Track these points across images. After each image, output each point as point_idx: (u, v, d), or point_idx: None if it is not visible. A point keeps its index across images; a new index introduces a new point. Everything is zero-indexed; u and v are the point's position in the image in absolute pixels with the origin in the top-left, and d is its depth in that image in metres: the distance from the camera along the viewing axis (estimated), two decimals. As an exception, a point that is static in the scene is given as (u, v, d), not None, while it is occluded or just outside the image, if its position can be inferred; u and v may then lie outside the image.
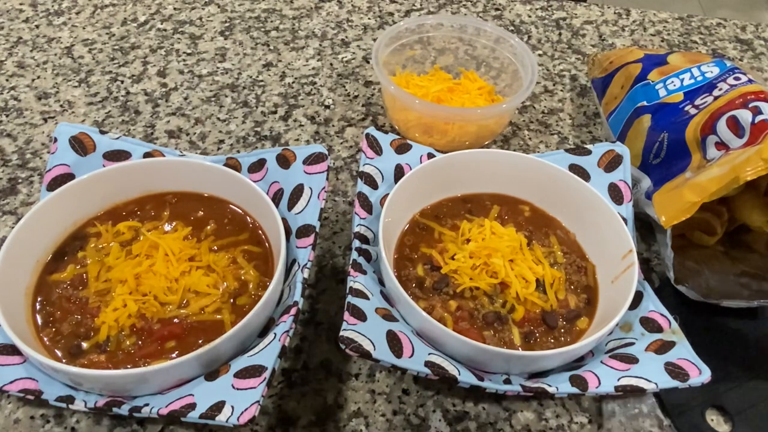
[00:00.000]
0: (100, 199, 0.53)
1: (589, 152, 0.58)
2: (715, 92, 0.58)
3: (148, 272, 0.48)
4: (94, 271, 0.49)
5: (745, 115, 0.53)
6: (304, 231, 0.50)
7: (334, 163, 0.67)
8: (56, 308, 0.47)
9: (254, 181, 0.53)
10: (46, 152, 0.66)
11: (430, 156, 0.57)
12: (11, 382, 0.43)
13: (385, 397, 0.49)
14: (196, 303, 0.48)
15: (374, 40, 0.84)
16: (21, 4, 0.86)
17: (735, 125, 0.53)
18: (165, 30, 0.83)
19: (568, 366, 0.47)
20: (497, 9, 0.92)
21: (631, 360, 0.45)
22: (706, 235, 0.58)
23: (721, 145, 0.54)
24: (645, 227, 0.61)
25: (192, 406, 0.40)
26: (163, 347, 0.45)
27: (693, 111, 0.58)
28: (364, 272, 0.49)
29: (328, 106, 0.74)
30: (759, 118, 0.52)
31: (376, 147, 0.56)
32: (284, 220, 0.51)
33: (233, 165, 0.55)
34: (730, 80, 0.58)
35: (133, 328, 0.46)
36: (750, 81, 0.57)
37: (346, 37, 0.85)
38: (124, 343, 0.45)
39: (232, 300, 0.49)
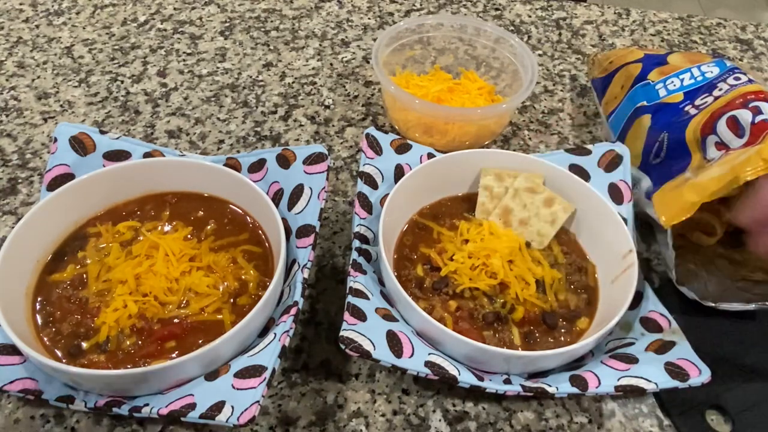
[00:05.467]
0: (100, 199, 0.53)
1: (589, 152, 0.58)
2: (715, 92, 0.58)
3: (149, 272, 0.48)
4: (94, 271, 0.49)
5: (745, 115, 0.53)
6: (304, 231, 0.51)
7: (334, 163, 0.67)
8: (56, 308, 0.47)
9: (254, 181, 0.53)
10: (46, 152, 0.66)
11: (430, 156, 0.57)
12: (11, 382, 0.43)
13: (385, 397, 0.49)
14: (196, 303, 0.48)
15: (374, 40, 0.84)
16: (21, 4, 0.86)
17: (735, 125, 0.53)
18: (165, 30, 0.83)
19: (568, 366, 0.47)
20: (497, 9, 0.92)
21: (631, 360, 0.45)
22: (705, 236, 0.58)
23: (722, 145, 0.54)
24: (645, 227, 0.61)
25: (192, 406, 0.40)
26: (163, 347, 0.45)
27: (693, 111, 0.58)
28: (364, 272, 0.49)
29: (328, 106, 0.74)
30: (759, 118, 0.52)
31: (376, 147, 0.56)
32: (284, 220, 0.51)
33: (233, 165, 0.55)
34: (730, 80, 0.58)
35: (133, 328, 0.46)
36: (750, 81, 0.57)
37: (346, 37, 0.85)
38: (124, 343, 0.45)
39: (232, 300, 0.49)
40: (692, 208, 0.50)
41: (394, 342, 0.43)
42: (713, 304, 0.53)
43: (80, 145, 0.54)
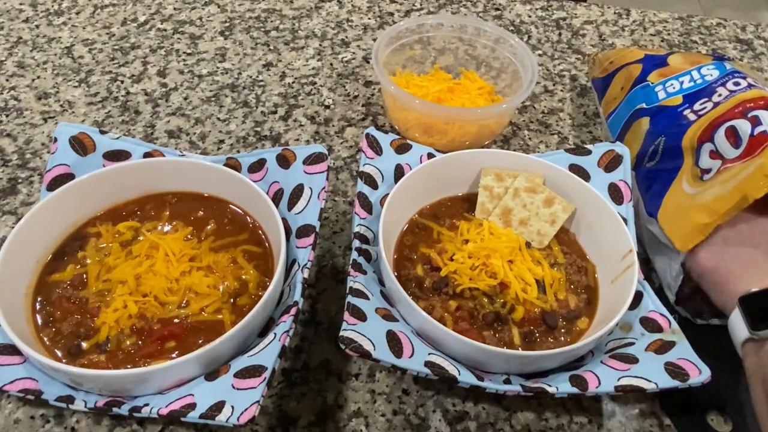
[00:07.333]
0: (100, 199, 0.53)
1: (589, 152, 0.58)
2: (715, 97, 0.56)
3: (149, 272, 0.48)
4: (94, 271, 0.49)
5: (743, 126, 0.51)
6: (304, 231, 0.51)
7: (334, 163, 0.67)
8: (56, 308, 0.47)
9: (254, 181, 0.53)
10: (46, 152, 0.66)
11: (430, 156, 0.57)
12: (11, 382, 0.43)
13: (385, 397, 0.49)
14: (196, 303, 0.48)
15: (374, 40, 0.84)
16: (21, 4, 0.86)
17: (733, 135, 0.52)
18: (165, 30, 0.83)
19: (568, 366, 0.47)
20: (497, 9, 0.92)
21: (631, 360, 0.45)
22: None
23: (715, 154, 0.53)
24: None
25: (192, 406, 0.40)
26: (163, 347, 0.45)
27: (692, 117, 0.56)
28: (364, 272, 0.49)
29: (328, 106, 0.74)
30: (758, 129, 0.50)
31: (376, 147, 0.57)
32: (284, 220, 0.51)
33: (233, 165, 0.55)
34: (730, 85, 0.57)
35: (133, 328, 0.46)
36: (749, 86, 0.56)
37: (346, 37, 0.85)
38: (124, 343, 0.45)
39: (232, 300, 0.49)
40: (706, 229, 0.49)
41: (394, 342, 0.43)
42: (705, 322, 0.54)
43: (80, 145, 0.54)
